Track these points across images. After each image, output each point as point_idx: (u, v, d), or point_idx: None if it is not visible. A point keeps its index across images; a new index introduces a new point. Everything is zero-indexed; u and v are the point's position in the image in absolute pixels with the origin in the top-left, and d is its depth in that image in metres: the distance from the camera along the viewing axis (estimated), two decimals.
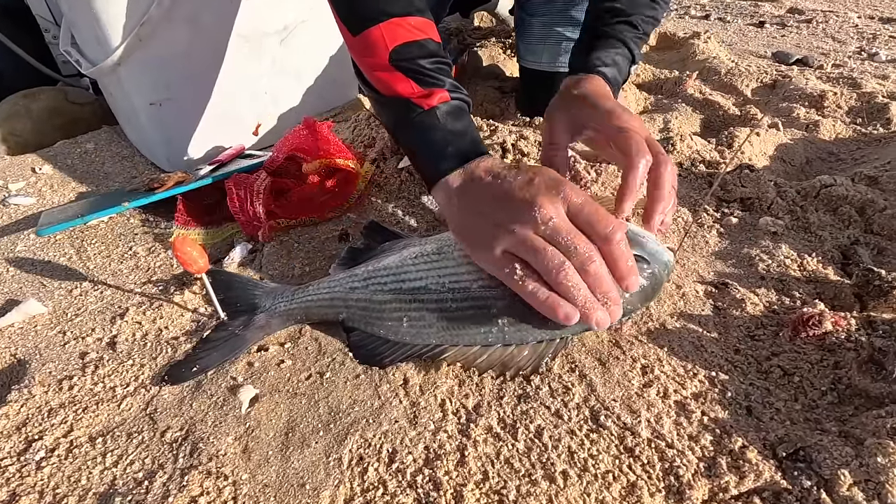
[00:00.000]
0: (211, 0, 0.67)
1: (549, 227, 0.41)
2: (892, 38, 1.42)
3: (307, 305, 0.50)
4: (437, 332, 0.47)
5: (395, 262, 0.49)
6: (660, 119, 0.90)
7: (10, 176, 0.74)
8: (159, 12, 0.62)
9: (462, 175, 0.47)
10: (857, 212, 0.62)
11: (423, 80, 0.48)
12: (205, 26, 0.69)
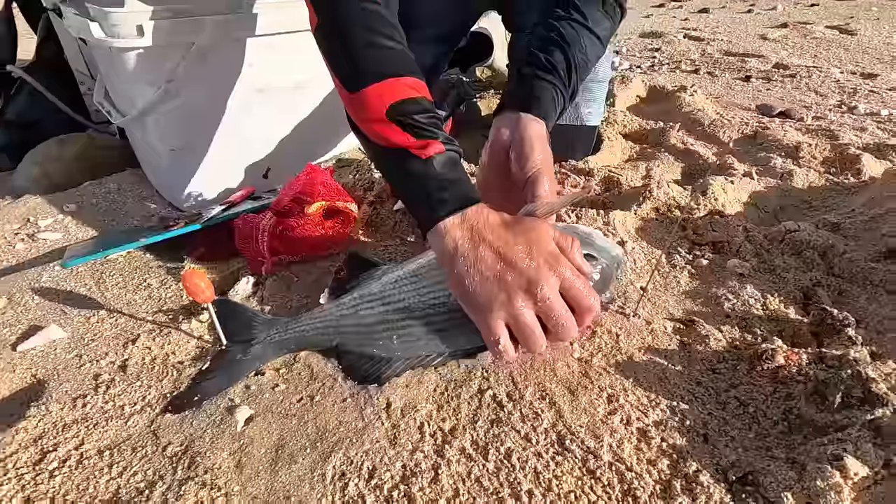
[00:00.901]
0: (231, 60, 0.76)
1: (545, 305, 0.46)
2: (871, 92, 1.49)
3: (299, 335, 0.54)
4: (426, 343, 0.52)
5: (379, 288, 0.54)
6: (642, 167, 0.95)
7: (39, 213, 0.81)
8: (184, 72, 0.71)
9: (461, 226, 0.49)
10: (819, 256, 0.66)
11: (419, 132, 0.52)
12: (224, 82, 0.77)
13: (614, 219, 0.74)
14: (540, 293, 0.46)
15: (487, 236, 0.48)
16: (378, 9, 0.55)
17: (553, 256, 0.47)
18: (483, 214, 0.50)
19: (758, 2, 2.82)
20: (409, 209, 0.58)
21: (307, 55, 0.82)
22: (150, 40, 0.66)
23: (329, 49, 0.57)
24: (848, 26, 2.20)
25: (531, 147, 0.57)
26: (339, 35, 0.55)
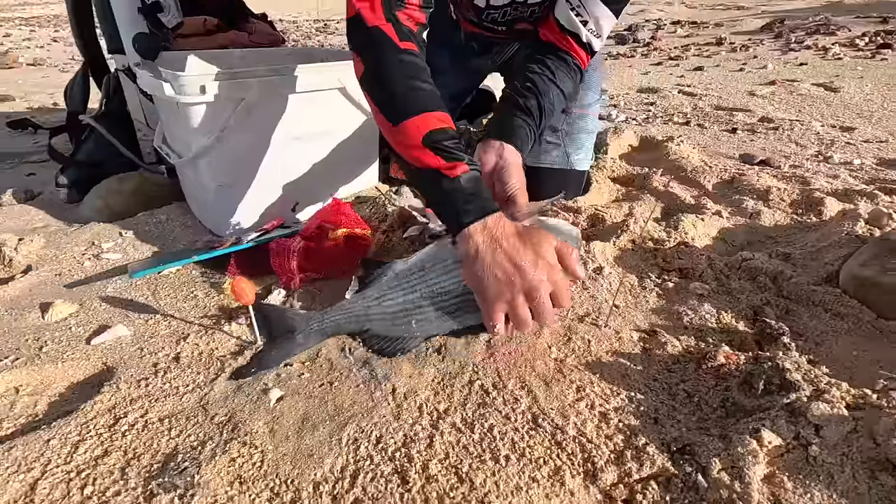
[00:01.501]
0: (273, 112, 0.91)
1: (537, 305, 0.59)
2: (847, 144, 1.61)
3: (335, 324, 0.67)
4: (438, 325, 0.65)
5: (396, 283, 0.68)
6: (626, 206, 1.07)
7: (102, 237, 0.95)
8: (234, 123, 0.85)
9: (482, 231, 0.61)
10: (770, 280, 0.77)
11: (448, 156, 0.65)
12: (266, 130, 0.92)
13: (594, 248, 0.85)
14: (537, 297, 0.59)
15: (503, 243, 0.61)
16: (413, 59, 0.70)
17: (551, 266, 0.60)
18: (501, 223, 0.62)
19: (750, 61, 3.01)
20: (441, 218, 0.71)
21: (335, 108, 0.98)
22: (210, 97, 0.82)
23: (373, 92, 0.72)
24: (832, 84, 2.35)
25: (510, 173, 0.74)
26: (380, 81, 0.70)
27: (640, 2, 6.95)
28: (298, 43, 4.92)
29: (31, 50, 4.36)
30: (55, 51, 4.36)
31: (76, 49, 3.58)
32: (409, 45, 0.70)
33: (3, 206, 1.12)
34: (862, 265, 0.69)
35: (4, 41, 5.12)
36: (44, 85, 2.81)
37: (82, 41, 1.21)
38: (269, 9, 6.19)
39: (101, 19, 1.15)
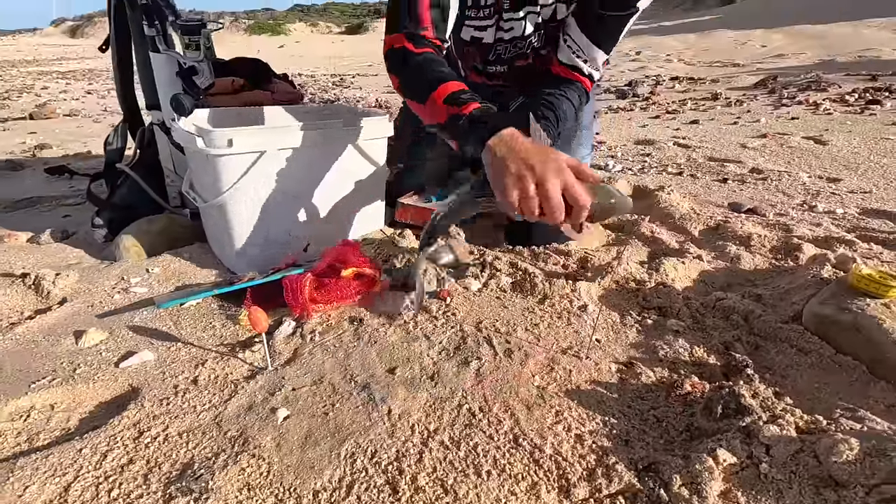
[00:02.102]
0: (291, 163, 1.01)
1: (545, 194, 0.67)
2: (833, 194, 1.69)
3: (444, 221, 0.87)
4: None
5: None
6: (614, 250, 1.15)
7: (131, 273, 1.04)
8: (256, 172, 0.96)
9: (499, 141, 0.73)
10: (742, 318, 0.83)
11: (461, 101, 0.81)
12: (284, 178, 1.02)
13: (580, 288, 0.92)
14: (547, 188, 0.67)
15: (517, 148, 0.71)
16: (429, 55, 0.90)
17: (560, 169, 0.69)
18: (516, 135, 0.74)
19: (743, 115, 3.15)
20: (468, 153, 0.81)
21: (346, 159, 1.09)
22: (236, 150, 0.92)
23: (406, 91, 0.92)
24: (822, 137, 2.45)
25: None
26: (408, 80, 0.91)
27: (641, 59, 7.30)
28: (315, 95, 5.21)
29: (67, 102, 4.67)
30: (89, 102, 4.66)
31: (108, 101, 3.85)
32: (424, 49, 0.92)
33: (42, 244, 1.22)
34: (821, 303, 0.75)
35: (43, 93, 5.48)
36: (78, 134, 3.02)
37: (123, 97, 1.35)
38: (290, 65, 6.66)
39: (142, 78, 1.29)
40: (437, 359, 0.76)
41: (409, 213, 1.25)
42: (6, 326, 0.86)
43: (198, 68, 1.11)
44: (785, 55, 6.47)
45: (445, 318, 0.85)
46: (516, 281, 0.96)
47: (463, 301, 0.90)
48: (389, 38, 0.94)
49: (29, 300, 0.96)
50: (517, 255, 1.14)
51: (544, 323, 0.84)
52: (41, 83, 6.78)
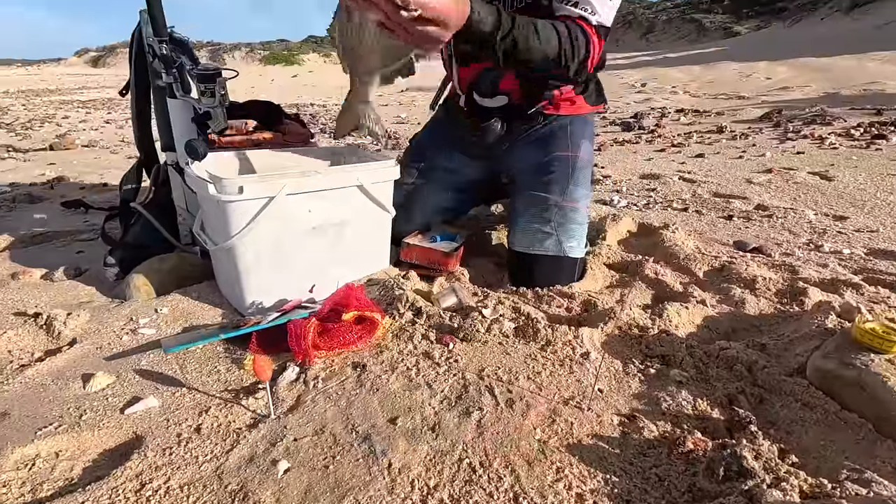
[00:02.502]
0: (296, 207, 1.04)
1: None
2: (839, 233, 1.68)
3: None
4: None
5: None
6: (618, 292, 1.15)
7: (140, 313, 1.05)
8: (263, 216, 0.99)
9: None
10: (746, 369, 0.82)
11: None
12: (291, 222, 1.04)
13: (583, 334, 0.92)
14: None
15: None
16: None
17: None
18: None
19: (749, 149, 3.17)
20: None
21: (353, 202, 1.11)
22: (246, 196, 0.95)
23: None
24: (827, 173, 2.46)
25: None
26: None
27: (646, 91, 7.41)
28: (327, 126, 5.32)
29: (86, 132, 4.81)
30: (107, 132, 4.80)
31: (125, 132, 3.95)
32: None
33: (55, 281, 1.25)
34: (825, 357, 0.75)
35: (63, 122, 5.66)
36: (95, 165, 3.10)
37: (140, 139, 1.40)
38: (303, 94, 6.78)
39: (159, 121, 1.33)
40: (439, 408, 0.76)
41: (413, 253, 1.27)
42: (17, 369, 0.88)
43: (212, 114, 1.15)
44: (790, 88, 6.53)
45: (448, 366, 0.86)
46: (519, 326, 0.96)
47: (465, 347, 0.91)
48: None
49: (40, 340, 0.97)
50: (520, 296, 1.14)
51: (546, 371, 0.84)
52: (62, 112, 7.00)
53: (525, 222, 1.21)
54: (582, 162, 1.25)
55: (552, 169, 1.24)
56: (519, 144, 1.33)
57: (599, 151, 3.35)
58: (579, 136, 1.28)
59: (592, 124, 1.37)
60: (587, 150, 1.29)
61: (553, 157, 1.25)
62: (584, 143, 1.29)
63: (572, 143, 1.27)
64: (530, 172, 1.28)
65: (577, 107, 1.31)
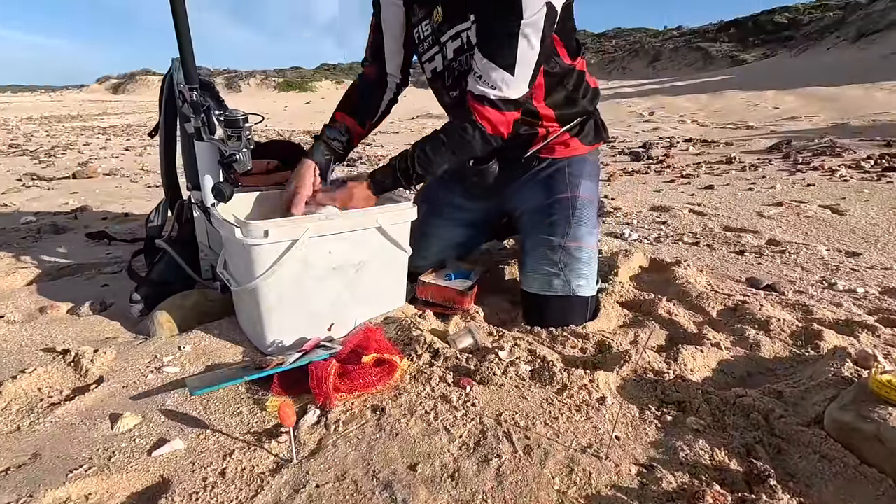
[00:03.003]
0: (317, 249, 1.07)
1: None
2: (853, 270, 1.68)
3: None
4: None
5: None
6: (631, 333, 1.16)
7: (164, 351, 1.08)
8: (286, 258, 1.02)
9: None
10: (763, 418, 0.82)
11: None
12: (312, 263, 1.08)
13: (598, 378, 0.93)
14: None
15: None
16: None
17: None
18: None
19: (759, 181, 3.18)
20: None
21: (371, 243, 1.14)
22: (271, 239, 0.99)
23: None
24: (839, 206, 2.46)
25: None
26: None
27: (654, 120, 7.50)
28: None
29: (107, 160, 4.95)
30: (127, 160, 4.94)
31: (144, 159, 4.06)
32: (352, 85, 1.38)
33: (82, 316, 1.28)
34: (842, 409, 0.75)
35: (85, 150, 5.83)
36: (116, 194, 3.19)
37: (167, 178, 1.45)
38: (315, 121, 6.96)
39: (185, 161, 1.39)
40: (458, 455, 0.77)
41: (429, 291, 1.29)
42: (46, 407, 0.90)
43: (238, 157, 1.20)
44: (798, 118, 6.57)
45: (465, 410, 0.87)
46: (535, 369, 0.97)
47: (482, 390, 0.92)
48: None
49: (68, 378, 1.00)
50: (535, 336, 1.16)
51: (563, 416, 0.85)
52: (84, 139, 7.22)
53: (533, 263, 1.24)
54: (582, 201, 1.27)
55: (553, 211, 1.26)
56: (521, 186, 1.37)
57: (609, 182, 3.38)
58: (578, 175, 1.31)
59: (594, 162, 1.40)
60: (588, 189, 1.31)
61: (553, 200, 1.27)
62: (584, 182, 1.31)
63: (571, 184, 1.29)
64: (534, 214, 1.31)
65: (573, 148, 1.34)
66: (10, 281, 1.53)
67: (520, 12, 1.01)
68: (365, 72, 1.40)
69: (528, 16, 1.01)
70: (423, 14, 1.24)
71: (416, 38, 1.30)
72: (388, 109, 1.42)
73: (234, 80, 38.03)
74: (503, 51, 1.06)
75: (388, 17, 1.30)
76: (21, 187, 3.41)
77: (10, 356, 1.09)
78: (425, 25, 1.25)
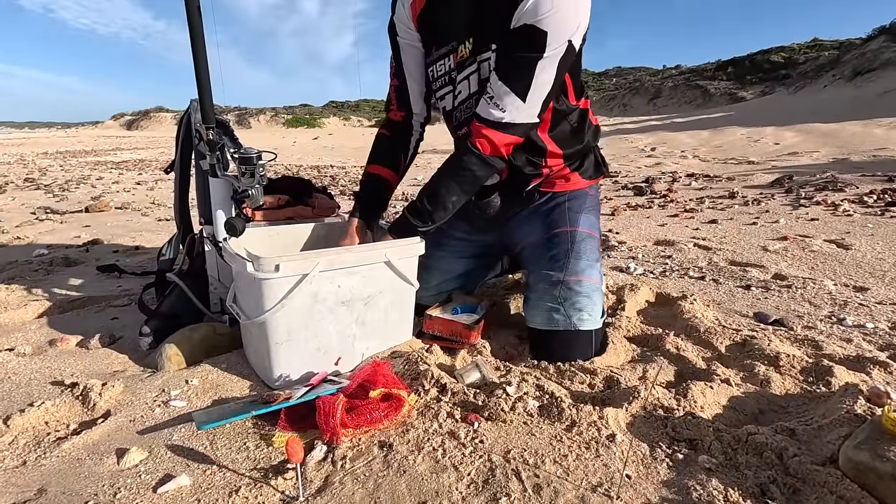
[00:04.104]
0: (327, 283, 1.09)
1: None
2: (861, 305, 1.67)
3: None
4: None
5: None
6: (640, 368, 1.15)
7: (171, 385, 1.08)
8: (296, 292, 1.03)
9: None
10: (776, 456, 0.81)
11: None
12: (321, 297, 1.09)
13: (608, 414, 0.92)
14: None
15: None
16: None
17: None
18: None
19: (762, 215, 3.20)
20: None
21: (379, 277, 1.16)
22: (281, 274, 1.00)
23: None
24: (844, 241, 2.47)
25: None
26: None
27: (656, 155, 7.61)
28: (346, 188, 5.51)
29: (119, 193, 5.05)
30: (139, 194, 5.04)
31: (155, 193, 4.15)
32: (382, 132, 1.43)
33: (91, 349, 1.29)
34: (856, 448, 0.74)
35: (97, 184, 5.97)
36: (127, 228, 3.25)
37: (180, 213, 1.49)
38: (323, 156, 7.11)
39: (199, 196, 1.43)
40: (466, 493, 0.76)
41: (436, 325, 1.30)
42: (53, 441, 0.90)
43: (251, 192, 1.24)
44: (798, 153, 6.66)
45: (473, 446, 0.86)
46: (543, 405, 0.97)
47: (490, 427, 0.92)
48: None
49: (75, 412, 1.00)
50: (542, 371, 1.15)
51: (573, 454, 0.84)
52: (97, 173, 7.39)
53: (535, 298, 1.24)
54: (581, 235, 1.28)
55: (553, 246, 1.28)
56: (522, 221, 1.39)
57: (613, 216, 3.41)
58: (577, 210, 1.33)
59: (594, 196, 1.42)
60: (588, 223, 1.33)
61: (553, 234, 1.29)
62: (584, 216, 1.33)
63: (570, 219, 1.31)
64: (535, 249, 1.33)
65: (573, 183, 1.37)
66: (21, 314, 1.55)
67: (543, 46, 1.06)
68: (389, 118, 1.44)
69: (549, 50, 1.07)
70: (440, 54, 1.29)
71: (430, 76, 1.35)
72: (417, 149, 1.47)
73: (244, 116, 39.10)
74: (520, 75, 1.11)
75: (408, 61, 1.35)
76: (35, 220, 3.48)
77: (18, 389, 1.09)
78: (439, 65, 1.30)
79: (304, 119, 37.46)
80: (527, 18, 1.06)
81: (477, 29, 1.19)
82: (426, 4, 1.26)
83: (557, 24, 1.05)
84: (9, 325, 1.49)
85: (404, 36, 1.33)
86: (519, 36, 1.09)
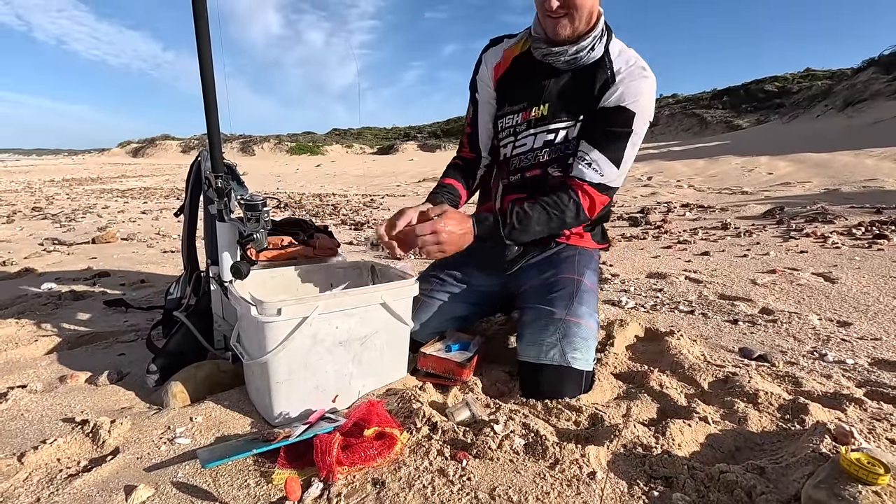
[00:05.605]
0: (325, 325, 1.15)
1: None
2: (843, 340, 1.72)
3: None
4: None
5: None
6: (624, 405, 1.21)
7: (176, 422, 1.14)
8: (297, 333, 1.10)
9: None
10: (745, 494, 0.86)
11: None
12: (319, 338, 1.15)
13: (589, 452, 0.98)
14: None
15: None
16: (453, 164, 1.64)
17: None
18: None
19: (753, 247, 3.28)
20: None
21: (375, 318, 1.22)
22: (283, 317, 1.07)
23: None
24: (831, 274, 2.53)
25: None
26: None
27: (652, 184, 7.75)
28: (348, 217, 5.62)
29: (124, 223, 5.16)
30: (144, 224, 5.15)
31: (160, 223, 4.25)
32: (455, 160, 1.61)
33: (100, 386, 1.35)
34: (816, 487, 0.79)
35: (103, 213, 6.08)
36: (133, 261, 3.33)
37: (188, 254, 1.57)
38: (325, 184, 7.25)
39: (206, 238, 1.51)
40: None
41: (430, 363, 1.36)
42: (65, 478, 0.95)
43: (256, 236, 1.32)
44: (790, 183, 6.78)
45: (461, 484, 0.91)
46: (528, 443, 1.02)
47: (478, 464, 0.97)
48: None
49: (86, 448, 1.06)
50: (530, 409, 1.21)
51: (555, 491, 0.89)
52: (102, 202, 7.53)
53: (531, 333, 1.31)
54: (585, 287, 1.39)
55: (557, 287, 1.36)
56: (530, 265, 1.50)
57: (608, 248, 3.49)
58: (584, 265, 1.48)
59: (597, 260, 1.60)
60: (591, 279, 1.47)
61: (560, 278, 1.38)
62: (589, 272, 1.47)
63: (578, 269, 1.45)
64: (538, 288, 1.40)
65: (585, 241, 1.56)
66: (31, 349, 1.61)
67: (631, 124, 1.32)
68: (462, 155, 1.65)
69: (637, 128, 1.33)
70: (511, 110, 1.49)
71: (498, 126, 1.55)
72: (480, 181, 1.64)
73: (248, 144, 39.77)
74: (617, 148, 1.34)
75: (482, 114, 1.56)
76: (42, 252, 3.57)
77: (31, 426, 1.15)
78: (507, 119, 1.50)
79: (307, 146, 38.09)
80: (619, 101, 1.32)
81: (551, 100, 1.42)
82: (507, 70, 1.49)
83: (642, 108, 1.32)
84: (20, 361, 1.55)
85: (483, 94, 1.55)
86: (611, 113, 1.33)
